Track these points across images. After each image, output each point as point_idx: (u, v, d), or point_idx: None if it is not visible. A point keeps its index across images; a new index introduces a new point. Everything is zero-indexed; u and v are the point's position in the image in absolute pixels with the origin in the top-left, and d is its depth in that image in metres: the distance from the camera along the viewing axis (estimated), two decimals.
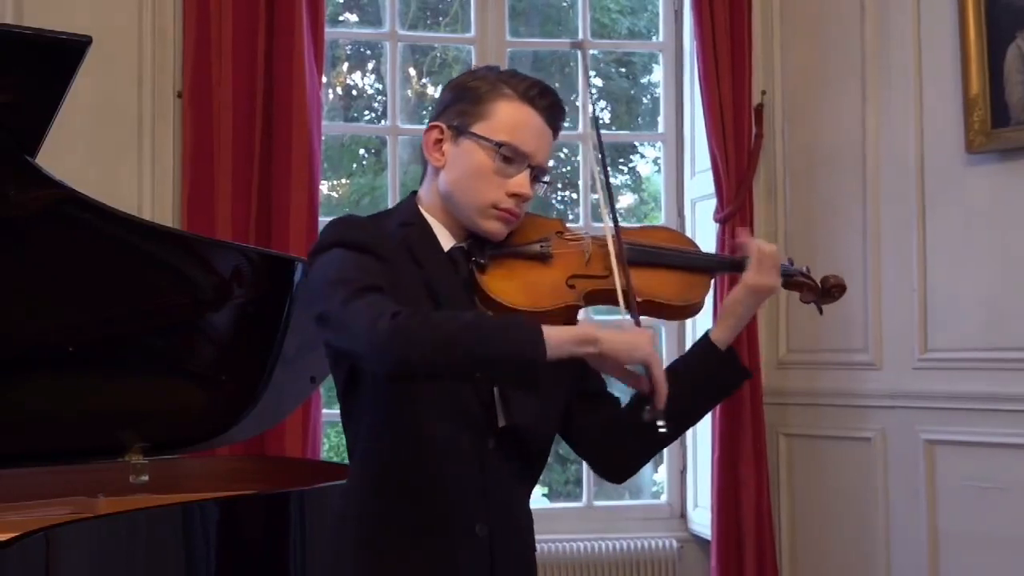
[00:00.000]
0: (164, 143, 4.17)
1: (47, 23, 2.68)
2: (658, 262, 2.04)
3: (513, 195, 1.96)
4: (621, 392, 2.13)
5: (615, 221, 2.00)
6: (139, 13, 4.14)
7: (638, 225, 2.23)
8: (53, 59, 2.38)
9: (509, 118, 1.96)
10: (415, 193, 2.07)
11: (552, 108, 1.99)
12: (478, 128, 1.96)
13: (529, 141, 1.96)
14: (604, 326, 1.81)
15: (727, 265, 2.16)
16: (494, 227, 1.98)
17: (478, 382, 1.91)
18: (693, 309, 2.07)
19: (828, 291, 2.15)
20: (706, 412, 2.12)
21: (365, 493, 1.97)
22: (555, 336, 1.74)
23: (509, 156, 1.95)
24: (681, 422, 2.04)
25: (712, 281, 2.10)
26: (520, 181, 1.96)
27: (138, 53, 4.14)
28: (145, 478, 3.01)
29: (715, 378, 2.04)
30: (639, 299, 1.96)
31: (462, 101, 1.99)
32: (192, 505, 2.66)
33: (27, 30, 2.55)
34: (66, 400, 2.88)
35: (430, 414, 1.91)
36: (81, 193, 2.62)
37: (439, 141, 2.00)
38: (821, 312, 2.20)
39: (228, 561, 2.68)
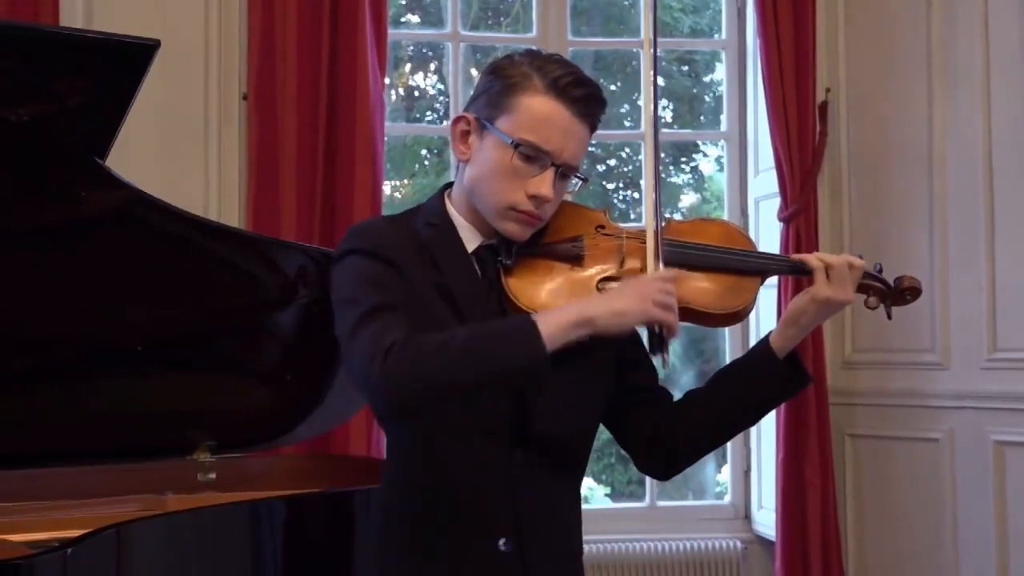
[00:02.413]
0: (230, 145, 4.22)
1: (116, 27, 2.72)
2: (700, 264, 1.91)
3: (533, 197, 1.85)
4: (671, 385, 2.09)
5: (657, 219, 1.89)
6: (205, 16, 4.19)
7: (691, 218, 2.11)
8: (123, 63, 2.41)
9: (534, 113, 1.83)
10: (445, 189, 1.99)
11: (585, 100, 1.86)
12: (502, 123, 1.85)
13: (553, 138, 1.83)
14: (603, 293, 1.77)
15: (791, 268, 1.99)
16: (513, 229, 1.87)
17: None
18: (736, 317, 1.92)
19: (900, 293, 2.00)
20: (762, 416, 2.02)
21: (391, 503, 1.95)
22: (550, 325, 1.68)
23: (529, 155, 1.83)
24: (736, 425, 2.00)
25: (761, 285, 1.96)
26: (540, 182, 1.84)
27: (204, 56, 4.19)
28: (212, 476, 3.05)
29: (772, 386, 1.95)
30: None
31: (490, 91, 1.88)
32: (259, 503, 2.68)
33: (97, 34, 2.59)
34: (135, 399, 2.91)
35: (452, 428, 1.86)
36: (149, 194, 2.66)
37: (466, 133, 1.91)
38: (890, 317, 2.06)
39: (294, 559, 2.70)
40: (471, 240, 1.92)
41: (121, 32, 2.50)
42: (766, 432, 4.62)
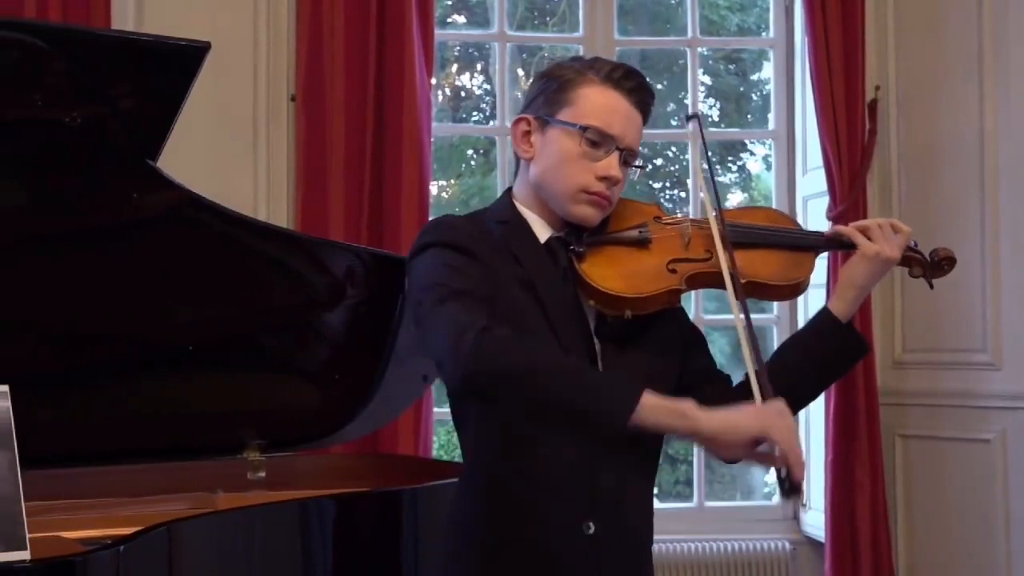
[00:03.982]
0: (278, 145, 4.25)
1: (166, 29, 2.75)
2: (760, 242, 2.02)
3: (602, 178, 1.94)
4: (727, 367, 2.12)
5: (718, 203, 1.99)
6: (254, 19, 4.23)
7: (738, 207, 2.19)
8: (174, 65, 2.44)
9: (595, 102, 1.95)
10: (510, 190, 2.06)
11: (638, 90, 1.97)
12: (564, 115, 1.95)
13: (615, 123, 1.94)
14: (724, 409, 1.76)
15: (839, 243, 2.09)
16: (586, 212, 1.96)
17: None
18: (798, 288, 2.04)
19: (938, 264, 2.10)
20: (825, 388, 2.10)
21: (474, 492, 1.98)
22: (652, 401, 1.70)
23: (595, 139, 1.93)
24: (799, 398, 2.01)
25: (816, 259, 2.07)
26: (608, 164, 1.94)
27: (253, 58, 4.22)
28: (262, 474, 3.06)
29: (835, 351, 2.02)
30: (742, 280, 1.94)
31: (547, 91, 1.99)
32: (309, 501, 2.70)
33: (149, 37, 2.62)
34: (186, 398, 2.93)
35: None
36: (200, 195, 2.68)
37: (527, 133, 2.00)
38: (931, 287, 2.15)
39: (343, 557, 2.72)
40: (541, 233, 1.99)
41: (171, 34, 2.52)
42: (815, 432, 4.59)
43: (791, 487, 1.73)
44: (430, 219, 4.11)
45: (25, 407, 2.03)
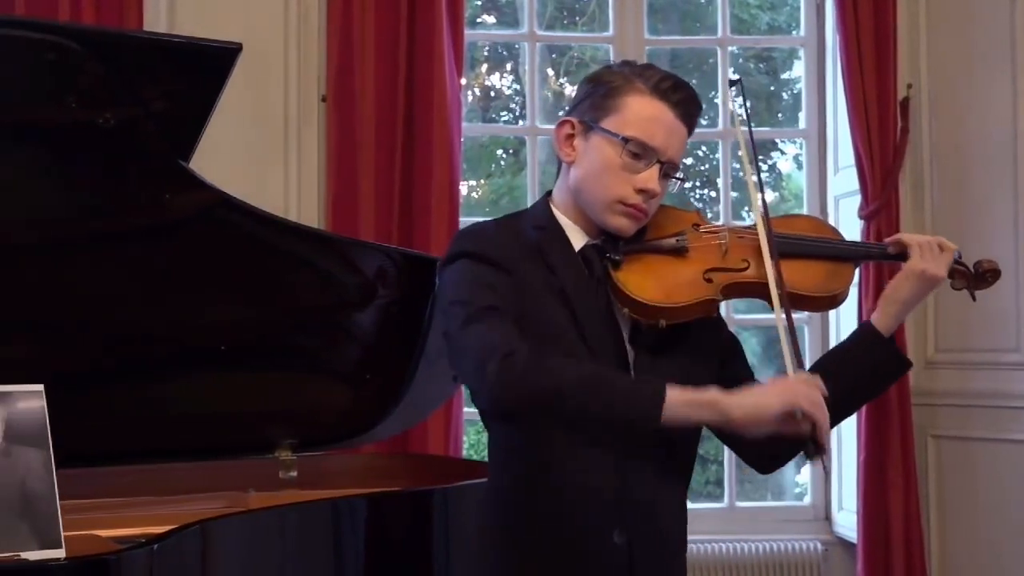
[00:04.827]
0: (309, 146, 4.26)
1: (198, 30, 2.77)
2: (800, 252, 2.01)
3: (640, 191, 1.92)
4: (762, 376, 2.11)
5: (765, 210, 1.97)
6: (284, 19, 4.24)
7: (780, 215, 2.18)
8: (206, 67, 2.45)
9: (639, 112, 1.93)
10: (550, 193, 2.06)
11: (685, 103, 1.95)
12: (608, 123, 1.94)
13: (659, 136, 1.92)
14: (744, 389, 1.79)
15: (880, 255, 2.09)
16: (621, 223, 1.95)
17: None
18: (836, 300, 2.03)
19: (982, 276, 2.08)
20: (865, 402, 2.10)
21: (502, 499, 1.98)
22: (677, 397, 1.74)
23: (637, 152, 1.92)
24: (838, 413, 1.99)
25: (856, 270, 2.06)
26: (647, 177, 1.92)
27: (283, 58, 4.23)
28: (293, 474, 3.08)
29: (877, 366, 2.01)
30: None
31: (593, 96, 1.97)
32: (341, 501, 2.70)
33: (181, 39, 2.64)
34: (219, 397, 2.95)
35: None
36: (232, 196, 2.69)
37: (570, 136, 1.99)
38: (974, 299, 2.13)
39: (374, 557, 2.72)
40: (577, 240, 1.98)
41: (203, 35, 2.54)
42: (847, 433, 4.57)
43: (816, 448, 1.77)
44: (461, 221, 4.17)
45: (60, 406, 2.04)
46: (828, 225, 2.18)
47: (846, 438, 4.61)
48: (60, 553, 1.95)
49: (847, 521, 4.59)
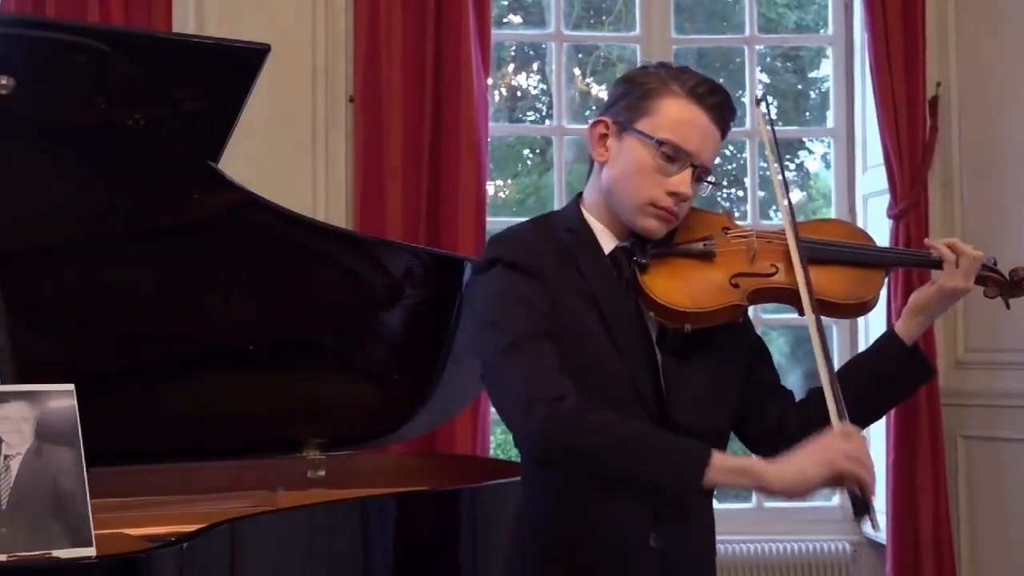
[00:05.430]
0: (336, 146, 4.27)
1: (225, 32, 2.78)
2: (830, 258, 1.99)
3: (672, 194, 1.92)
4: (792, 384, 2.11)
5: (792, 216, 1.96)
6: (312, 20, 4.25)
7: (811, 219, 2.17)
8: (234, 67, 2.46)
9: (674, 115, 1.93)
10: (580, 195, 2.06)
11: (720, 107, 1.96)
12: (642, 124, 1.93)
13: (693, 140, 1.93)
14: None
15: (912, 261, 2.11)
16: (652, 225, 1.95)
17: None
18: (865, 307, 2.02)
19: (1017, 284, 2.07)
20: (888, 410, 2.08)
21: (537, 501, 1.98)
22: (719, 463, 1.73)
23: (671, 154, 1.92)
24: (861, 420, 1.99)
25: (885, 277, 2.05)
26: (680, 180, 1.92)
27: (311, 59, 4.24)
28: (322, 473, 3.08)
29: (900, 374, 2.00)
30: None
31: (629, 97, 1.97)
32: (370, 500, 2.71)
33: (210, 40, 2.64)
34: (246, 397, 2.96)
35: None
36: (261, 196, 2.70)
37: (604, 136, 1.98)
38: (1008, 307, 2.12)
39: (403, 556, 2.72)
40: (607, 243, 1.99)
41: (231, 36, 2.55)
42: (876, 434, 4.54)
43: (863, 506, 1.75)
44: (487, 221, 4.17)
45: (90, 405, 2.05)
46: (858, 229, 2.17)
47: (875, 439, 4.58)
48: (91, 551, 1.96)
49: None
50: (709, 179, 1.99)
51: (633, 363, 1.90)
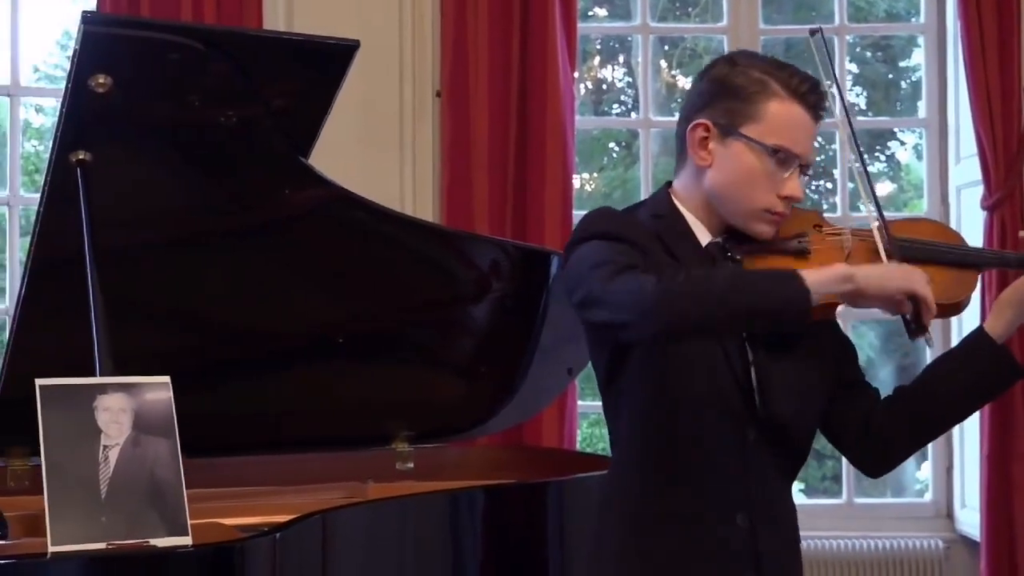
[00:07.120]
0: (424, 141, 4.30)
1: (315, 27, 2.80)
2: (924, 258, 1.95)
3: (786, 198, 1.91)
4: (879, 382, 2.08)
5: (880, 214, 1.93)
6: (399, 16, 4.28)
7: (900, 217, 2.14)
8: (324, 64, 2.49)
9: (781, 119, 1.89)
10: (669, 184, 2.03)
11: (820, 103, 1.93)
12: (749, 130, 1.89)
13: (801, 141, 1.90)
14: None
15: (1006, 261, 2.07)
16: (764, 229, 1.94)
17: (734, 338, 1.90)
18: (958, 308, 1.98)
19: None
20: (974, 411, 2.01)
21: (626, 481, 1.98)
22: (813, 279, 1.72)
23: (783, 159, 1.90)
24: (947, 420, 2.00)
25: (979, 277, 2.00)
26: (795, 185, 1.91)
27: (399, 55, 4.27)
28: (410, 465, 3.11)
29: (988, 373, 1.94)
30: None
31: (728, 98, 1.92)
32: (460, 492, 2.73)
33: (301, 37, 2.67)
34: (337, 389, 2.99)
35: (689, 404, 1.89)
36: (351, 192, 2.72)
37: (705, 139, 1.93)
38: None
39: (491, 548, 2.74)
40: (701, 236, 1.97)
41: (320, 33, 2.57)
42: (969, 427, 4.45)
43: (918, 327, 1.80)
44: (574, 214, 4.17)
45: (186, 398, 2.09)
46: (951, 230, 2.15)
47: (968, 432, 4.51)
48: (187, 540, 1.99)
49: (970, 519, 4.49)
50: (808, 172, 1.97)
51: (724, 358, 1.89)
